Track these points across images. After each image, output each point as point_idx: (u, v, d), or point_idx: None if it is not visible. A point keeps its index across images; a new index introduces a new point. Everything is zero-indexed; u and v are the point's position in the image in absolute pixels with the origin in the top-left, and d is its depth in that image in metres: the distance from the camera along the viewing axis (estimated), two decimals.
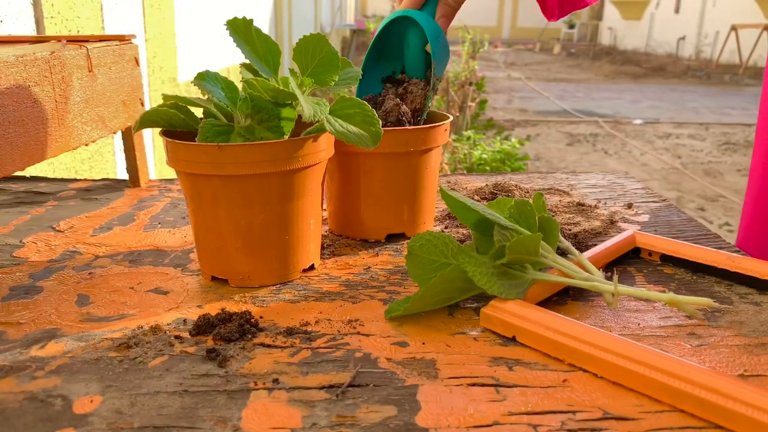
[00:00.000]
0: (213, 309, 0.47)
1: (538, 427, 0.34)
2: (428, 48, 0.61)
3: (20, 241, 0.61)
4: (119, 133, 0.77)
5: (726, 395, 0.34)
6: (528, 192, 0.76)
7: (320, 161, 0.51)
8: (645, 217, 0.69)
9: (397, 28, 0.68)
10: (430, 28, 0.62)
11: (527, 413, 0.35)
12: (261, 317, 0.46)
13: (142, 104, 0.78)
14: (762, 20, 9.94)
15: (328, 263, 0.56)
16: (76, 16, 1.34)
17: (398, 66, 0.69)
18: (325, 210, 0.68)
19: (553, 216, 0.66)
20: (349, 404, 0.36)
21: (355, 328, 0.45)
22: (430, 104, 0.62)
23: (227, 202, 0.49)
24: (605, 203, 0.73)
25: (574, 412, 0.36)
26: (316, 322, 0.46)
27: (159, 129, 0.51)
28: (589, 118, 5.99)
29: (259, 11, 3.82)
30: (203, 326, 0.44)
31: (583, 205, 0.72)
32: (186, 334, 0.44)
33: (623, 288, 0.44)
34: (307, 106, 0.48)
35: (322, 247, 0.60)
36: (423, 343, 0.43)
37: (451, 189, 0.77)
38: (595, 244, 0.57)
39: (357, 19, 12.30)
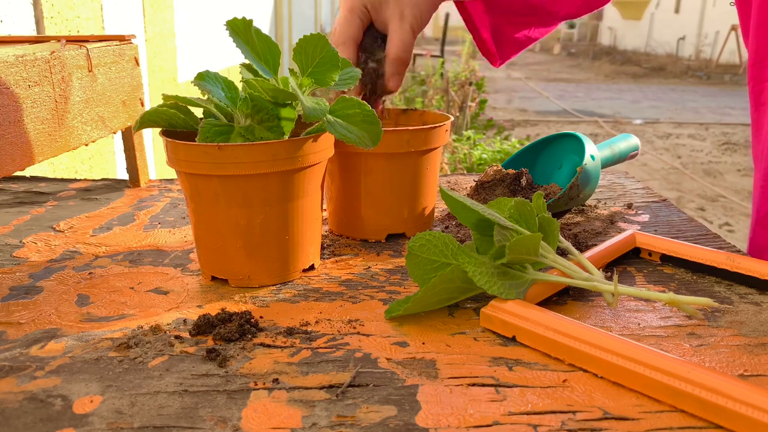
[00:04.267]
0: (213, 309, 0.47)
1: (538, 427, 0.34)
2: (579, 169, 0.63)
3: (20, 241, 0.61)
4: (119, 133, 0.77)
5: (726, 395, 0.34)
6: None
7: (320, 161, 0.51)
8: (645, 217, 0.69)
9: (559, 144, 0.72)
10: (593, 153, 0.65)
11: (527, 413, 0.35)
12: (261, 317, 0.46)
13: (142, 104, 0.78)
14: None
15: (328, 263, 0.56)
16: (76, 16, 1.34)
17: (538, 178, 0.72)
18: (325, 210, 0.68)
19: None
20: (349, 404, 0.36)
21: (355, 328, 0.45)
22: (558, 198, 0.62)
23: (227, 202, 0.49)
24: (605, 203, 0.73)
25: (574, 412, 0.36)
26: (316, 322, 0.46)
27: (159, 129, 0.51)
28: (589, 118, 5.99)
29: (259, 11, 3.82)
30: (203, 326, 0.44)
31: (583, 205, 0.72)
32: (186, 334, 0.44)
33: (623, 288, 0.44)
34: (307, 106, 0.48)
35: (322, 247, 0.60)
36: (423, 343, 0.43)
37: (451, 189, 0.77)
38: (595, 244, 0.57)
39: None
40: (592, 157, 0.65)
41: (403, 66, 0.61)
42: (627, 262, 0.57)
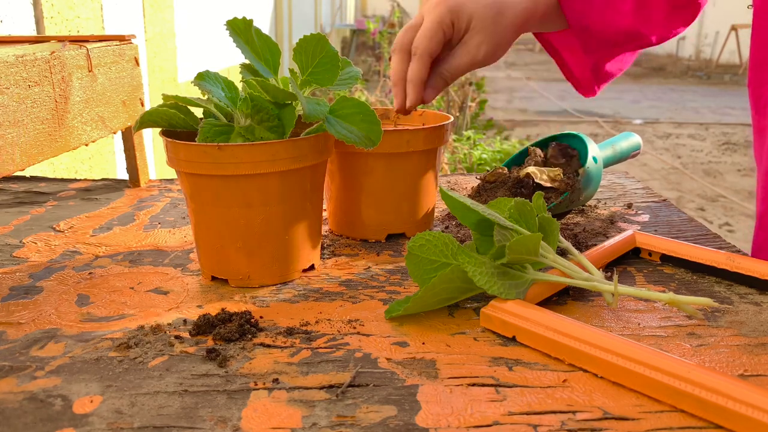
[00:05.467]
0: (213, 309, 0.47)
1: (538, 427, 0.34)
2: (581, 171, 0.64)
3: (20, 241, 0.61)
4: (119, 133, 0.77)
5: (726, 395, 0.34)
6: None
7: (320, 161, 0.51)
8: (645, 217, 0.69)
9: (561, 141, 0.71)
10: (595, 155, 0.66)
11: (527, 413, 0.35)
12: (261, 317, 0.46)
13: (142, 104, 0.78)
14: None
15: (328, 263, 0.56)
16: (76, 16, 1.34)
17: None
18: (325, 210, 0.68)
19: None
20: (349, 404, 0.36)
21: (355, 328, 0.45)
22: (559, 202, 0.62)
23: (227, 202, 0.49)
24: (605, 203, 0.73)
25: (574, 412, 0.36)
26: (316, 322, 0.46)
27: (159, 129, 0.52)
28: (589, 118, 5.99)
29: (259, 11, 3.82)
30: (203, 326, 0.44)
31: (583, 205, 0.72)
32: (186, 334, 0.44)
33: (623, 288, 0.44)
34: (307, 106, 0.48)
35: (322, 247, 0.60)
36: (423, 343, 0.43)
37: (451, 189, 0.77)
38: (595, 244, 0.57)
39: (357, 19, 12.29)
40: (595, 159, 0.65)
41: (445, 85, 0.60)
42: (627, 262, 0.57)
